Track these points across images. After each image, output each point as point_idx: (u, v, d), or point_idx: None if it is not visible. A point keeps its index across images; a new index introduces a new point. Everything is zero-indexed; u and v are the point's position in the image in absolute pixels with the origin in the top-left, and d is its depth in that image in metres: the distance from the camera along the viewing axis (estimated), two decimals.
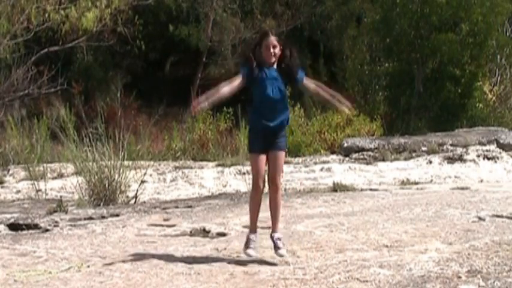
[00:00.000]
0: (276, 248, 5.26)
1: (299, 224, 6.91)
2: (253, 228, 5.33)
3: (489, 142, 14.61)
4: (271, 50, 5.22)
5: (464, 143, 14.48)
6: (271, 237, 5.33)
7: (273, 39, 5.24)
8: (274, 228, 5.34)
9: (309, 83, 5.42)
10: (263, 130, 5.25)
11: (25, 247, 6.11)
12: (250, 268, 5.14)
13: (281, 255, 5.23)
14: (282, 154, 5.30)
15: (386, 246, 5.81)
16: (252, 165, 5.32)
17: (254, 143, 5.30)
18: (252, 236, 5.30)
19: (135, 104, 20.71)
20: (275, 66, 5.29)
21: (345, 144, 14.74)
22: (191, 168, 12.87)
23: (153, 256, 5.64)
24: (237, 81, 5.26)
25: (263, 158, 5.25)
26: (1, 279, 4.96)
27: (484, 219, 7.00)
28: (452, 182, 11.28)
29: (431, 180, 11.51)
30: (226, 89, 5.23)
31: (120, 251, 5.87)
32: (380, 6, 21.67)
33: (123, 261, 5.45)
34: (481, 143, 14.55)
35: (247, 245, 5.28)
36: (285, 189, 10.27)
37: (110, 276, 5.01)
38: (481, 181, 11.34)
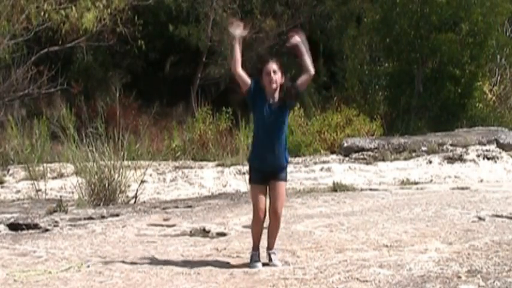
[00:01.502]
0: (270, 260, 5.28)
1: (299, 224, 6.91)
2: (255, 248, 5.32)
3: (489, 142, 14.61)
4: (272, 76, 5.11)
5: (464, 143, 14.47)
6: (267, 253, 5.32)
7: (272, 65, 5.15)
8: (270, 246, 5.33)
9: (299, 82, 5.23)
10: (260, 168, 5.21)
11: (25, 247, 6.11)
12: (250, 268, 5.15)
13: (275, 265, 5.23)
14: (282, 185, 5.27)
15: (386, 246, 5.81)
16: (252, 197, 5.30)
17: (253, 175, 5.28)
18: (255, 253, 5.30)
19: (135, 104, 20.70)
20: (277, 95, 5.15)
21: (345, 144, 14.74)
22: (191, 168, 12.88)
23: (153, 256, 5.65)
24: (247, 78, 5.17)
25: (263, 189, 5.23)
26: (1, 279, 4.96)
27: (484, 219, 7.01)
28: (452, 182, 11.28)
29: (431, 180, 11.51)
30: (240, 69, 5.16)
31: (120, 251, 5.87)
32: (380, 6, 21.67)
33: (123, 261, 5.46)
34: (481, 143, 14.55)
35: (252, 259, 5.28)
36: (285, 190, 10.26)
37: (110, 276, 5.01)
38: (481, 181, 11.34)
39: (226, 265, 5.31)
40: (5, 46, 17.96)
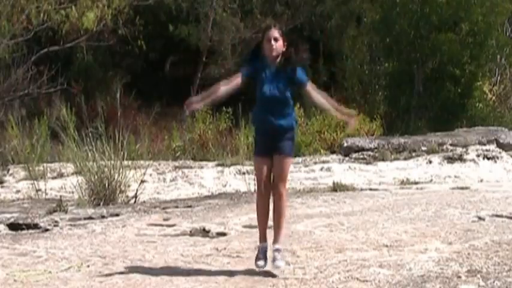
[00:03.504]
0: (274, 259, 4.98)
1: (299, 224, 6.90)
2: (262, 238, 5.07)
3: (489, 142, 14.60)
4: (272, 43, 4.99)
5: (464, 143, 14.46)
6: (272, 251, 5.03)
7: (274, 32, 5.03)
8: (275, 238, 5.04)
9: (312, 91, 5.12)
10: (263, 130, 5.05)
11: (25, 247, 6.11)
12: (250, 268, 5.14)
13: (277, 267, 4.94)
14: (286, 159, 5.01)
15: (386, 246, 5.81)
16: (255, 169, 5.11)
17: (257, 146, 5.11)
18: (262, 246, 5.05)
19: (135, 103, 20.72)
20: (277, 62, 5.05)
21: (345, 144, 14.72)
22: (191, 168, 12.87)
23: (153, 256, 5.65)
24: (235, 81, 5.05)
25: (266, 161, 4.99)
26: (1, 279, 4.96)
27: (483, 219, 7.01)
28: (452, 181, 11.26)
29: (431, 180, 11.50)
30: (223, 89, 5.03)
31: (120, 251, 5.87)
32: (380, 6, 21.68)
33: (123, 261, 5.46)
34: (480, 143, 14.53)
35: (257, 256, 5.04)
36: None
37: (109, 276, 5.01)
38: (481, 181, 11.33)
39: (226, 265, 5.31)
40: (5, 46, 17.97)
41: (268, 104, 5.02)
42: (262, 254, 5.02)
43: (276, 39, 5.02)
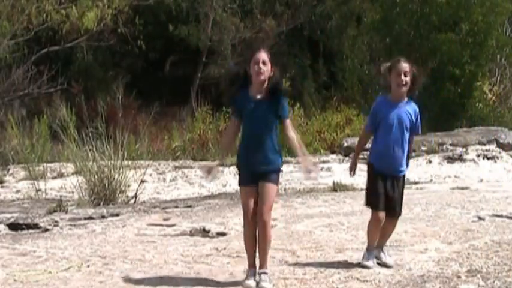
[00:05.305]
0: (260, 280, 4.73)
1: (299, 224, 6.91)
2: (251, 265, 4.84)
3: (489, 142, 14.60)
4: (260, 66, 4.68)
5: (464, 143, 14.47)
6: (258, 274, 4.78)
7: (263, 54, 4.75)
8: (262, 264, 4.80)
9: (289, 129, 4.82)
10: (249, 170, 4.80)
11: (25, 247, 6.11)
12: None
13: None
14: (271, 187, 4.74)
15: (386, 245, 5.81)
16: (241, 199, 4.89)
17: (241, 175, 4.90)
18: (251, 271, 4.81)
19: (135, 103, 20.71)
20: (264, 89, 4.75)
21: (345, 144, 14.74)
22: (191, 167, 12.87)
23: (153, 256, 5.65)
24: (231, 126, 4.93)
25: (252, 190, 4.77)
26: (1, 278, 4.96)
27: (483, 219, 7.01)
28: (452, 181, 11.27)
29: (431, 180, 11.51)
30: (228, 142, 5.01)
31: (120, 251, 5.87)
32: (380, 6, 21.67)
33: (123, 261, 5.46)
34: (480, 143, 14.53)
35: (246, 277, 4.81)
36: (285, 189, 10.28)
37: (109, 276, 5.01)
38: (481, 181, 11.34)
39: (226, 265, 5.31)
40: (5, 46, 17.98)
41: (255, 142, 4.77)
42: (251, 276, 4.80)
43: (264, 63, 4.73)
